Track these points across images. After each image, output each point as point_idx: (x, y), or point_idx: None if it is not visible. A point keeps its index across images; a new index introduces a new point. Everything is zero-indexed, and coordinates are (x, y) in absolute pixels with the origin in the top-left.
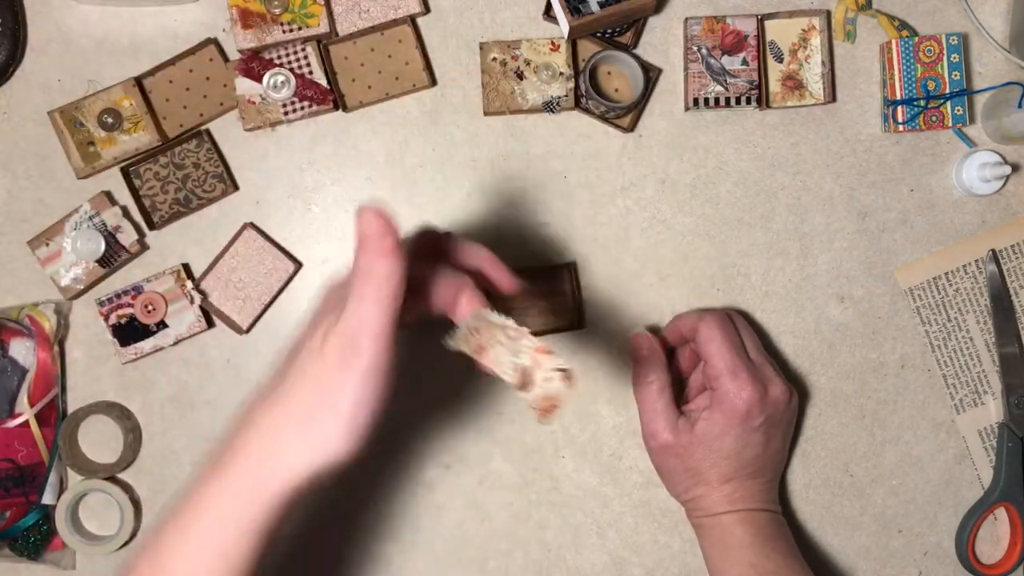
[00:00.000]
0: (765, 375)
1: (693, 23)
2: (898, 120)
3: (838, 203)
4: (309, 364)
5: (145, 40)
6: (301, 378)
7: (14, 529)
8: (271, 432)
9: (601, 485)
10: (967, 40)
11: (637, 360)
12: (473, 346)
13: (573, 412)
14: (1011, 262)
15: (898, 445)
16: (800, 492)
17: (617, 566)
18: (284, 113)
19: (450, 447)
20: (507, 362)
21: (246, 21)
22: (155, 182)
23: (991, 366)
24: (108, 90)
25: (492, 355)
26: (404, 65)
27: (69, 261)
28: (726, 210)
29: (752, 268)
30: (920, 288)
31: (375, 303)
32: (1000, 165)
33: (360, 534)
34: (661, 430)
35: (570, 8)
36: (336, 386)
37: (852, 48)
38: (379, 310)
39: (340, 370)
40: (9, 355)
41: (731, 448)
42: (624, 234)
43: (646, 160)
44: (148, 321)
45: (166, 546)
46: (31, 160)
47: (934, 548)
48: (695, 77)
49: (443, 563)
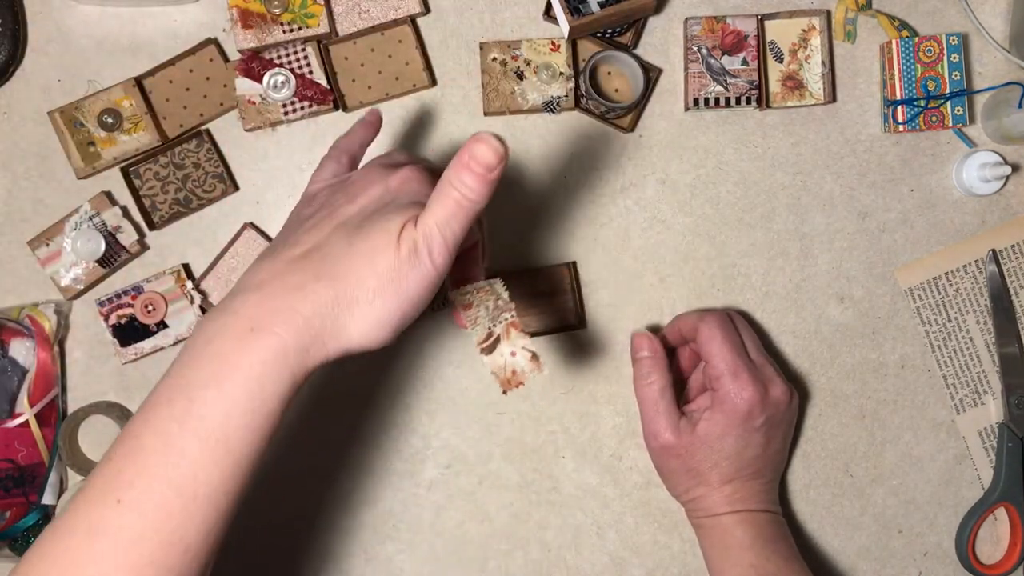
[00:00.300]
0: (766, 375)
1: (693, 23)
2: (898, 120)
3: (838, 203)
4: (381, 251)
5: (145, 40)
6: (368, 263)
7: (14, 529)
8: (326, 306)
9: (601, 485)
10: (967, 40)
11: (638, 360)
12: (464, 301)
13: (573, 412)
14: (1011, 262)
15: (898, 445)
16: (800, 492)
17: (617, 566)
18: (284, 113)
19: (450, 447)
20: (483, 325)
21: (246, 21)
22: (155, 182)
23: (991, 366)
24: (108, 90)
25: (473, 313)
26: (404, 65)
27: (69, 261)
28: (726, 210)
29: (752, 268)
30: (920, 288)
31: (460, 223)
32: (1000, 165)
33: (360, 534)
34: (662, 430)
35: (570, 8)
36: (403, 281)
37: (852, 48)
38: (460, 230)
39: (411, 267)
40: (9, 355)
41: (732, 448)
42: (624, 234)
43: (646, 160)
44: (148, 321)
45: (199, 394)
46: (31, 160)
47: (934, 548)
48: (695, 77)
49: (443, 563)
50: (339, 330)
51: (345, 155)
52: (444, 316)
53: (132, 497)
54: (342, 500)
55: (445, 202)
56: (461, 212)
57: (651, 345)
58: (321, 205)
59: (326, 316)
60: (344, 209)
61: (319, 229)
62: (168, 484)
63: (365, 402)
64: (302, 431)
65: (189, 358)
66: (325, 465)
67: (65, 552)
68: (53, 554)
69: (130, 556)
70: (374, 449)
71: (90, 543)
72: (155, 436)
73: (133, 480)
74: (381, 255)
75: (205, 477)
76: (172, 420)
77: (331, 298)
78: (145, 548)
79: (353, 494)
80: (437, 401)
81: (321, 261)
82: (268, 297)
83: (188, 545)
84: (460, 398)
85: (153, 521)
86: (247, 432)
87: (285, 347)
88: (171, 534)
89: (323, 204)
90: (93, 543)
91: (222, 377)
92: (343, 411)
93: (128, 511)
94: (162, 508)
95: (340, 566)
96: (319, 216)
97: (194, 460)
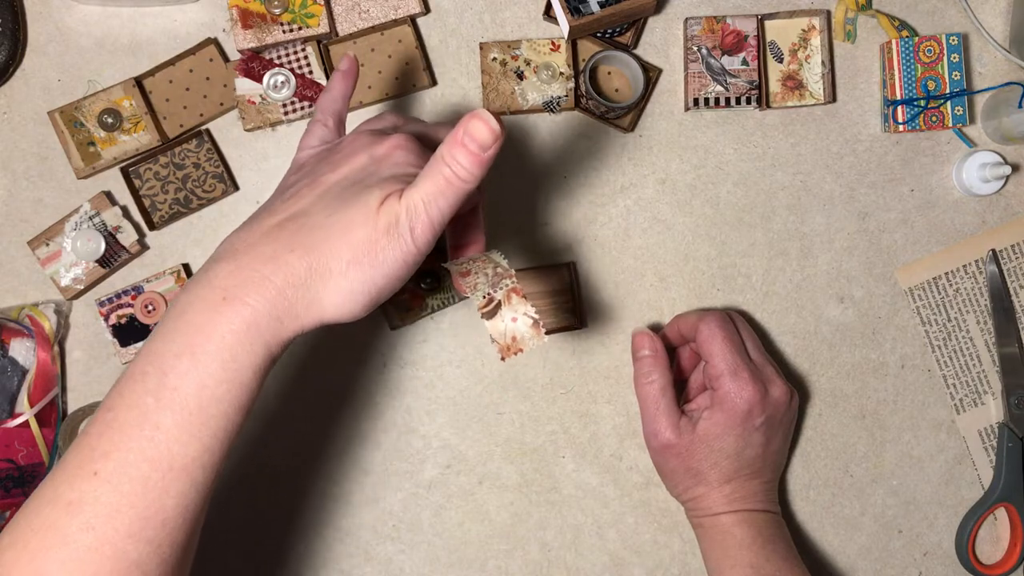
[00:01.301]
0: (766, 375)
1: (693, 23)
2: (898, 120)
3: (838, 203)
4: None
5: (145, 40)
6: (343, 234)
7: None
8: (299, 276)
9: (601, 485)
10: (967, 40)
11: (639, 359)
12: (462, 269)
13: (573, 412)
14: (1011, 262)
15: (898, 445)
16: (800, 492)
17: (617, 566)
18: (284, 113)
19: (450, 447)
20: (482, 290)
21: (246, 21)
22: (155, 182)
23: (991, 366)
24: (108, 90)
25: (472, 279)
26: (404, 65)
27: (69, 261)
28: (726, 210)
29: (752, 268)
30: (920, 288)
31: (448, 201)
32: (1000, 165)
33: (360, 534)
34: (663, 430)
35: (570, 8)
36: (379, 255)
37: (852, 48)
38: (447, 208)
39: (389, 242)
40: (9, 355)
41: (732, 448)
42: (624, 234)
43: (646, 160)
44: (148, 321)
45: (172, 365)
46: (31, 160)
47: (934, 548)
48: (695, 77)
49: (443, 563)
50: (312, 301)
51: (330, 117)
52: (444, 316)
53: (108, 469)
54: (342, 500)
55: (435, 179)
56: (450, 190)
57: (652, 344)
58: (305, 174)
59: (299, 287)
60: (326, 178)
61: (299, 198)
62: (143, 457)
63: (365, 402)
64: (302, 431)
65: (163, 331)
66: (325, 465)
67: (44, 524)
68: (32, 526)
69: (108, 528)
70: (374, 449)
71: (69, 515)
72: (129, 409)
73: (109, 452)
74: (358, 227)
75: (180, 449)
76: (146, 392)
77: (304, 269)
78: (122, 520)
79: (353, 494)
80: (437, 401)
81: (297, 231)
82: (241, 267)
83: (166, 517)
84: (460, 398)
85: (129, 494)
86: (222, 403)
87: (258, 317)
88: (148, 507)
89: (307, 172)
90: (71, 515)
91: (195, 347)
92: (343, 411)
93: (104, 483)
94: (138, 480)
95: (340, 566)
96: (300, 184)
97: (169, 432)
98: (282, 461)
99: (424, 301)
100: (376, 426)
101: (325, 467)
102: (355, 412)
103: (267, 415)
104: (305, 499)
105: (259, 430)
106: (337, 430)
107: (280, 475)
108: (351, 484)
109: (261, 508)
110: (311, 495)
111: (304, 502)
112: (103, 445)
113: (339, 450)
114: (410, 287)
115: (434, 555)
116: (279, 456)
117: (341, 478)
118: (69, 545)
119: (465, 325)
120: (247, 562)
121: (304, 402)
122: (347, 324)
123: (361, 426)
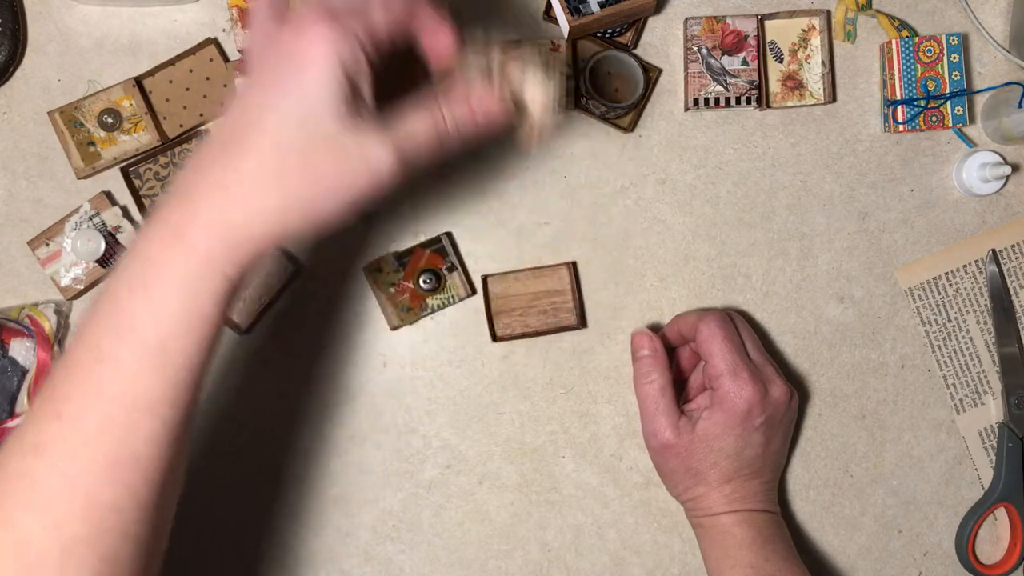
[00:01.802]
0: (766, 375)
1: (693, 23)
2: (898, 120)
3: (838, 203)
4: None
5: (145, 40)
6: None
7: None
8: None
9: (601, 485)
10: (967, 40)
11: (638, 359)
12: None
13: (573, 412)
14: (1011, 262)
15: (898, 445)
16: (800, 492)
17: (617, 566)
18: None
19: (450, 447)
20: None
21: (246, 21)
22: (155, 182)
23: (991, 366)
24: (108, 90)
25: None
26: None
27: (69, 261)
28: (726, 210)
29: (752, 268)
30: (920, 288)
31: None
32: (1000, 165)
33: (360, 534)
34: (662, 429)
35: (570, 8)
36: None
37: (852, 48)
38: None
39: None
40: (9, 355)
41: (732, 448)
42: (624, 234)
43: (646, 160)
44: None
45: (127, 302)
46: (31, 160)
47: (934, 548)
48: (695, 77)
49: (443, 563)
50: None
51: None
52: (444, 316)
53: (71, 411)
54: (342, 500)
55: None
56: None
57: (652, 344)
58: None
59: (249, 212)
60: None
61: (243, 107)
62: (105, 395)
63: (365, 402)
64: (302, 430)
65: (119, 271)
66: (325, 465)
67: (15, 470)
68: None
69: (76, 469)
70: (374, 449)
71: (37, 459)
72: (88, 349)
73: (70, 393)
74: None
75: (144, 386)
76: (105, 332)
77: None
78: (91, 462)
79: (353, 494)
80: (437, 401)
81: (238, 148)
82: (189, 198)
83: (138, 458)
84: (460, 398)
85: (95, 433)
86: (182, 337)
87: (210, 246)
88: (117, 447)
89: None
90: (39, 459)
91: (149, 282)
92: (343, 411)
93: (68, 425)
94: (102, 419)
95: (340, 566)
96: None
97: (129, 369)
98: (282, 461)
99: (424, 301)
100: (376, 426)
101: (325, 467)
102: (355, 412)
103: (267, 415)
104: (305, 499)
105: (259, 430)
106: (337, 430)
107: (280, 475)
108: (351, 484)
109: (261, 508)
110: (311, 495)
111: (304, 502)
112: (65, 387)
113: (339, 450)
114: (410, 287)
115: (434, 555)
116: (279, 456)
117: (341, 478)
118: (38, 489)
119: (465, 325)
120: (247, 562)
121: (304, 402)
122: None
123: (361, 426)
